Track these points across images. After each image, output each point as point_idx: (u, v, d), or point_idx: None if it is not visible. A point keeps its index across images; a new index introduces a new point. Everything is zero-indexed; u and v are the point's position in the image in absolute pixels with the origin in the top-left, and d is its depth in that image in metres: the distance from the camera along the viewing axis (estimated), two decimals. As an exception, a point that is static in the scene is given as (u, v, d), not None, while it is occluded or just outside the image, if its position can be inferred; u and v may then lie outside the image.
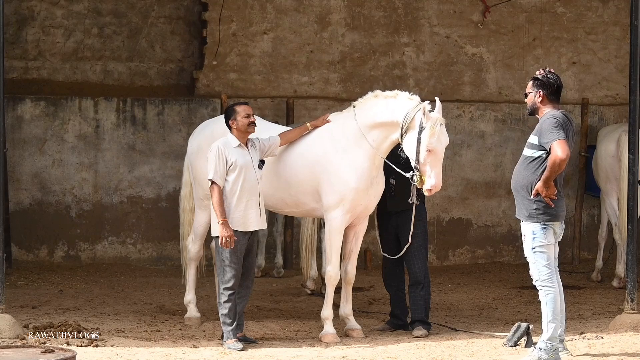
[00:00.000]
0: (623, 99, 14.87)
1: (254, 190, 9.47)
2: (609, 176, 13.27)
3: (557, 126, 8.36)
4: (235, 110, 9.54)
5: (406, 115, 9.51)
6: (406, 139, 9.52)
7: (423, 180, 9.44)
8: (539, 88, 8.60)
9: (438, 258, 15.23)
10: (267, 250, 14.29)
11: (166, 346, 9.38)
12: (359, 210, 9.91)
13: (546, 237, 8.47)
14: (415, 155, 9.43)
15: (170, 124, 14.78)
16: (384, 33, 15.32)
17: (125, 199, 14.73)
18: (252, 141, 9.60)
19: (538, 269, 8.50)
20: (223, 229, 9.30)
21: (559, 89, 8.62)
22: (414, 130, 9.45)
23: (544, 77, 8.59)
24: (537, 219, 8.45)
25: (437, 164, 9.45)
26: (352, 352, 9.22)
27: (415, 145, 9.42)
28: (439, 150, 9.46)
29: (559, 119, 8.41)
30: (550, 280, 8.51)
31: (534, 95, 8.63)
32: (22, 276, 13.59)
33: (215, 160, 9.38)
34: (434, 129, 9.37)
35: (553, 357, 8.42)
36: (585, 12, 15.71)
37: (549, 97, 8.59)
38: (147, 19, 15.21)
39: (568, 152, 8.31)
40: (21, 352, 7.77)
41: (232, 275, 9.39)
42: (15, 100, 14.41)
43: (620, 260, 13.04)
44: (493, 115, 15.47)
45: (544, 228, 8.45)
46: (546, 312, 8.51)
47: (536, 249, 8.48)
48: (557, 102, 8.63)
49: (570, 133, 8.45)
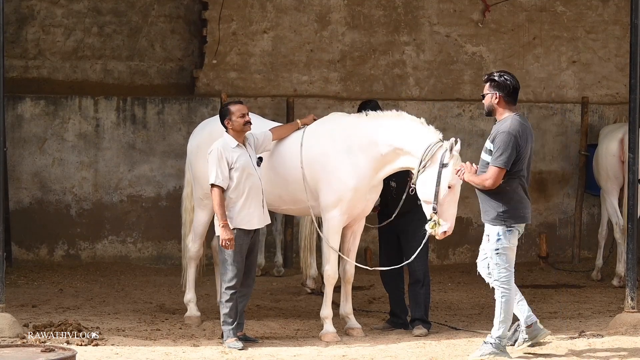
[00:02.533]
0: (623, 97, 14.87)
1: (257, 189, 9.46)
2: (609, 175, 13.28)
3: (506, 146, 8.46)
4: (230, 110, 9.50)
5: (428, 149, 9.25)
6: (424, 175, 9.24)
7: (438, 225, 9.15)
8: (496, 89, 8.65)
9: (438, 257, 15.23)
10: (267, 249, 14.30)
11: (166, 345, 9.38)
12: (356, 212, 9.90)
13: (510, 240, 8.61)
14: (434, 193, 9.17)
15: (170, 123, 14.77)
16: (384, 32, 15.31)
17: (125, 198, 14.73)
18: (247, 138, 9.58)
19: (498, 270, 8.64)
20: (224, 231, 9.29)
21: (515, 90, 8.68)
22: (433, 167, 9.19)
23: (501, 78, 8.62)
24: (504, 222, 8.58)
25: (454, 203, 9.26)
26: (352, 351, 9.22)
27: (436, 183, 9.15)
28: (458, 189, 9.26)
29: (512, 133, 8.48)
30: (507, 282, 8.65)
31: (491, 97, 8.69)
32: (22, 275, 13.59)
33: (216, 163, 9.35)
34: (456, 166, 9.09)
35: (501, 351, 8.62)
36: (585, 11, 15.70)
37: (505, 99, 8.66)
38: (147, 18, 15.21)
39: (497, 184, 8.49)
40: (21, 351, 7.76)
41: (234, 275, 9.38)
42: (15, 99, 14.41)
43: (621, 259, 13.04)
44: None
45: (509, 231, 8.59)
46: (499, 312, 8.67)
47: (499, 250, 8.62)
48: (514, 104, 8.69)
49: (525, 142, 8.55)
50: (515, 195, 8.59)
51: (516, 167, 8.55)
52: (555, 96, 15.53)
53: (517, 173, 8.57)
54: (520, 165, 8.58)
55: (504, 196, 8.57)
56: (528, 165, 8.69)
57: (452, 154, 9.14)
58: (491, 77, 8.66)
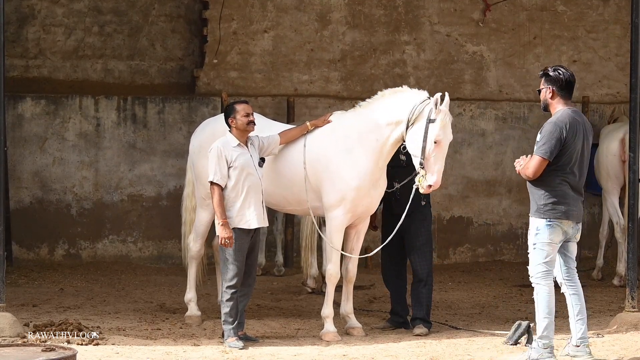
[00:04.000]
0: (624, 97, 14.87)
1: (256, 189, 9.46)
2: (610, 174, 13.27)
3: (550, 136, 8.30)
4: (235, 109, 9.53)
5: (414, 108, 9.45)
6: (411, 131, 9.44)
7: (424, 179, 9.31)
8: (549, 84, 8.53)
9: (439, 256, 15.22)
10: (267, 248, 14.30)
11: (167, 344, 9.37)
12: (360, 211, 9.90)
13: (550, 235, 8.35)
14: (421, 148, 9.35)
15: (170, 122, 14.78)
16: (384, 31, 15.32)
17: (125, 198, 14.73)
18: (251, 139, 9.60)
19: (534, 265, 8.44)
20: (223, 230, 9.30)
21: (569, 84, 8.52)
22: (420, 122, 9.38)
23: (554, 72, 8.56)
24: (543, 215, 8.37)
25: (441, 158, 9.36)
26: (353, 351, 9.21)
27: (422, 138, 9.33)
28: (445, 144, 9.38)
29: (558, 125, 8.33)
30: (544, 278, 8.39)
31: (545, 92, 8.55)
32: (22, 274, 13.59)
33: (215, 160, 9.37)
34: (444, 121, 9.30)
35: (544, 356, 8.38)
36: (585, 10, 15.71)
37: (559, 93, 8.50)
38: (148, 18, 15.21)
39: (537, 174, 8.32)
40: (22, 351, 7.76)
41: (234, 274, 9.39)
42: (15, 98, 14.41)
43: (621, 258, 13.03)
44: (494, 114, 15.47)
45: (548, 225, 8.34)
46: (537, 309, 8.45)
47: (536, 245, 8.39)
48: (569, 98, 8.55)
49: (573, 135, 8.35)
50: (559, 190, 8.33)
51: (561, 161, 8.32)
52: (556, 95, 15.50)
53: (562, 167, 8.34)
54: (566, 159, 8.33)
55: (546, 189, 8.34)
56: (580, 162, 8.42)
57: (437, 109, 9.28)
58: (545, 72, 8.54)
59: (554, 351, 8.44)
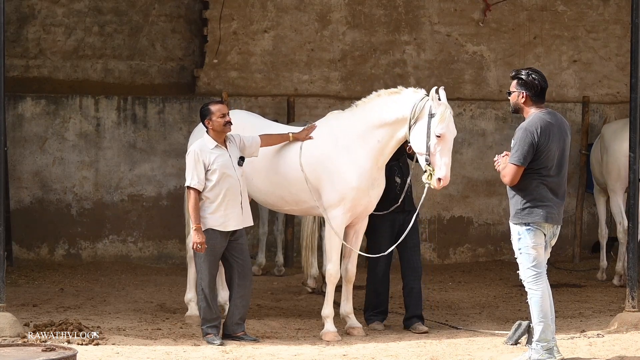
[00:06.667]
0: (624, 97, 14.87)
1: (235, 190, 9.45)
2: (621, 175, 13.06)
3: (522, 143, 8.26)
4: (210, 110, 9.52)
5: (414, 107, 9.43)
6: (414, 130, 9.42)
7: (433, 175, 9.26)
8: (523, 88, 8.40)
9: (439, 256, 15.23)
10: (268, 248, 14.30)
11: (167, 344, 9.38)
12: (359, 210, 9.90)
13: (532, 239, 8.33)
14: (425, 145, 9.33)
15: (171, 122, 14.78)
16: (384, 31, 15.32)
17: (126, 197, 14.73)
18: (230, 138, 9.58)
19: (523, 270, 8.42)
20: (196, 234, 9.35)
21: (543, 90, 8.42)
22: (422, 120, 9.37)
23: (528, 77, 8.37)
24: (522, 220, 8.36)
25: (446, 152, 9.33)
26: (353, 350, 9.21)
27: (425, 134, 9.32)
28: (449, 138, 9.36)
29: (529, 130, 8.26)
30: (535, 282, 8.37)
31: (517, 95, 8.44)
32: (22, 274, 13.59)
33: (192, 165, 9.39)
34: (444, 115, 9.31)
35: (544, 356, 8.36)
36: (586, 10, 15.70)
37: (532, 98, 8.41)
38: (148, 17, 15.21)
39: (515, 181, 8.31)
40: (22, 351, 7.75)
41: (206, 274, 9.48)
42: (16, 98, 14.41)
43: (621, 258, 13.03)
44: (494, 114, 15.47)
45: (528, 230, 8.33)
46: (532, 314, 8.44)
47: (522, 250, 8.38)
48: (542, 102, 8.44)
49: (546, 138, 8.28)
50: (536, 194, 8.31)
51: (537, 165, 8.29)
52: (556, 95, 15.51)
53: (538, 171, 8.31)
54: (542, 163, 8.30)
55: (523, 194, 8.34)
56: (559, 164, 8.37)
57: (437, 103, 9.30)
58: (518, 75, 8.43)
59: (554, 352, 8.45)
